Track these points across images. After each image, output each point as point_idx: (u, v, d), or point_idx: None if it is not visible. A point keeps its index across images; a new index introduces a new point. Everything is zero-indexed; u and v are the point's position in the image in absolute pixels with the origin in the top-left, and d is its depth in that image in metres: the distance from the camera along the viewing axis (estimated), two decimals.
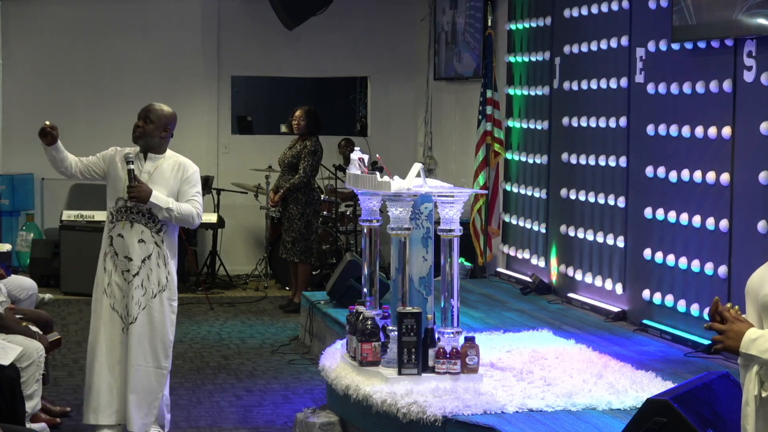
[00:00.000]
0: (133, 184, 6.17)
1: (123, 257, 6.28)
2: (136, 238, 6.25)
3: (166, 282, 6.32)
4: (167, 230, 6.33)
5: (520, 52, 10.29)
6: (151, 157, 6.36)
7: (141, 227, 6.26)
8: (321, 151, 10.80)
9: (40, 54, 12.82)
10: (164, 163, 6.36)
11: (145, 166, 6.33)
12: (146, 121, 6.35)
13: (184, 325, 10.24)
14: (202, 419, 7.17)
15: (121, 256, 6.28)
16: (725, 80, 7.04)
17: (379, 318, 6.22)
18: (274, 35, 12.89)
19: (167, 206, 6.20)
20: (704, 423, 4.18)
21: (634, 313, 8.20)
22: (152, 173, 6.30)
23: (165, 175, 6.31)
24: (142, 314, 6.27)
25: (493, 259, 10.65)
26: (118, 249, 6.29)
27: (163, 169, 6.33)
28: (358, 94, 14.92)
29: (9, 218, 12.69)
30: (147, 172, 6.30)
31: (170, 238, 6.36)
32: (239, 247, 13.21)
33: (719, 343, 3.32)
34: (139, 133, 6.36)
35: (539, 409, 5.57)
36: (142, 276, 6.26)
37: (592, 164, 8.83)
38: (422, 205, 6.23)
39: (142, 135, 6.35)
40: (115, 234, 6.30)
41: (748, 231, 6.78)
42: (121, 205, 6.29)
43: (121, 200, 6.28)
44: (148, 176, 6.28)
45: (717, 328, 3.32)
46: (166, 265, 6.31)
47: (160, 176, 6.31)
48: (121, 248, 6.28)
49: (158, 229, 6.29)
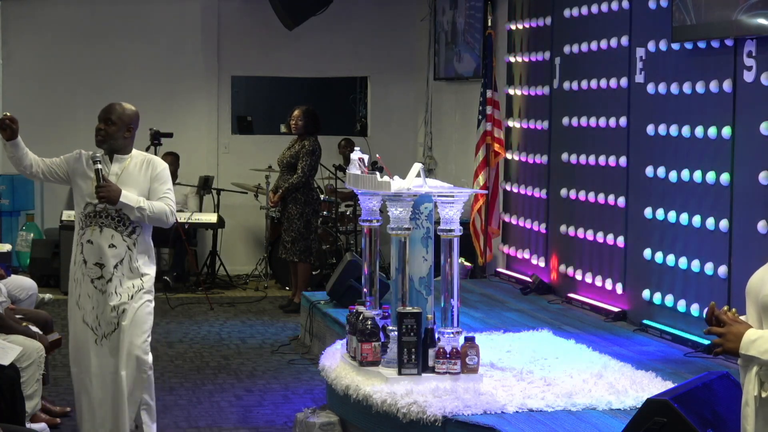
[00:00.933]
0: (102, 184, 5.89)
1: (93, 264, 5.98)
2: (106, 243, 5.95)
3: (141, 283, 6.02)
4: (140, 232, 6.03)
5: (520, 52, 10.29)
6: (117, 159, 6.08)
7: (111, 231, 5.96)
8: (319, 151, 10.80)
9: (40, 54, 12.82)
10: (131, 163, 6.10)
11: (112, 168, 6.05)
12: (108, 123, 6.06)
13: (184, 325, 10.25)
14: (202, 419, 7.17)
15: (91, 263, 5.98)
16: (725, 80, 7.04)
17: (379, 318, 6.22)
18: (274, 35, 12.90)
19: (138, 205, 5.93)
20: (704, 423, 4.18)
21: (634, 313, 8.20)
22: (120, 175, 6.03)
23: (133, 175, 6.05)
24: (118, 321, 5.98)
25: (493, 259, 10.65)
26: (88, 256, 5.99)
27: (131, 169, 6.07)
28: (358, 94, 14.92)
29: (9, 218, 12.69)
30: (114, 174, 6.03)
31: (144, 240, 6.06)
32: (239, 247, 13.22)
33: (719, 347, 3.31)
34: (102, 136, 6.07)
35: (539, 409, 5.56)
36: (115, 282, 5.97)
37: (592, 164, 8.83)
38: (422, 205, 6.23)
39: (105, 138, 6.06)
40: (85, 240, 6.00)
41: (748, 231, 6.78)
42: (90, 210, 6.00)
43: (89, 205, 6.00)
44: (116, 178, 6.01)
45: (715, 332, 3.32)
46: (139, 269, 6.02)
47: (129, 177, 6.04)
48: (92, 255, 5.98)
49: (130, 232, 6.00)
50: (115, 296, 5.97)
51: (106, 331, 6.01)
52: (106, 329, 6.00)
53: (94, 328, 6.02)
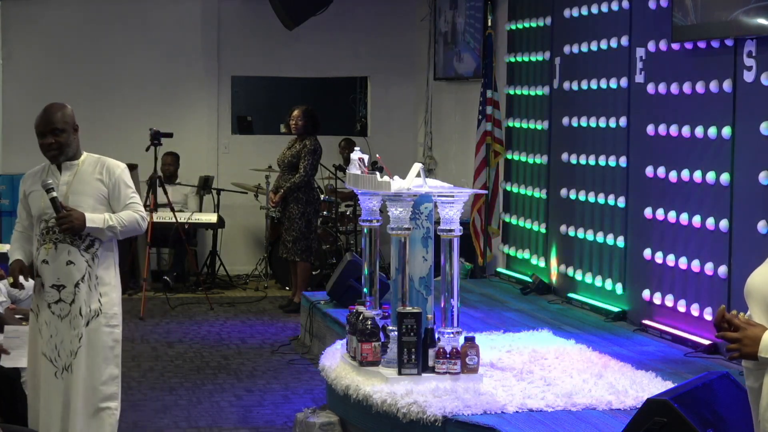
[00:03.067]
0: (62, 214, 5.29)
1: (50, 287, 5.37)
2: (63, 261, 5.34)
3: (99, 306, 5.39)
4: (99, 244, 5.41)
5: (520, 52, 10.29)
6: (66, 166, 5.46)
7: (67, 247, 5.35)
8: (320, 150, 10.80)
9: (40, 54, 12.82)
10: (82, 167, 5.47)
11: (62, 178, 5.44)
12: (56, 134, 5.39)
13: (184, 325, 10.25)
14: (202, 419, 7.17)
15: (48, 286, 5.37)
16: (725, 80, 7.04)
17: (379, 318, 6.22)
18: (274, 35, 12.89)
19: (108, 225, 5.35)
20: (704, 423, 4.19)
21: (634, 313, 8.20)
22: (71, 183, 5.42)
23: (86, 181, 5.44)
24: (81, 348, 5.37)
25: (493, 259, 10.65)
26: (46, 278, 5.38)
27: (83, 174, 5.45)
28: (358, 94, 14.91)
29: (9, 218, 12.67)
30: (65, 183, 5.42)
31: (105, 253, 5.44)
32: (239, 247, 13.21)
33: (735, 351, 3.23)
34: (55, 150, 5.41)
35: (539, 409, 5.56)
36: (78, 303, 5.35)
37: (592, 164, 8.83)
38: (422, 205, 6.23)
39: (60, 150, 5.42)
40: (40, 261, 5.40)
41: (748, 231, 6.78)
42: (43, 226, 5.41)
43: (42, 222, 5.41)
44: (67, 188, 5.40)
45: (730, 337, 3.22)
46: (99, 287, 5.39)
47: (81, 183, 5.43)
48: (49, 276, 5.37)
49: (87, 246, 5.38)
50: (79, 318, 5.36)
51: (66, 363, 5.38)
52: (67, 360, 5.38)
53: (53, 360, 5.39)
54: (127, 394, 7.73)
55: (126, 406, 7.38)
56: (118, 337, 5.48)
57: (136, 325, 10.18)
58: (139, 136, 11.96)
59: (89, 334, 5.37)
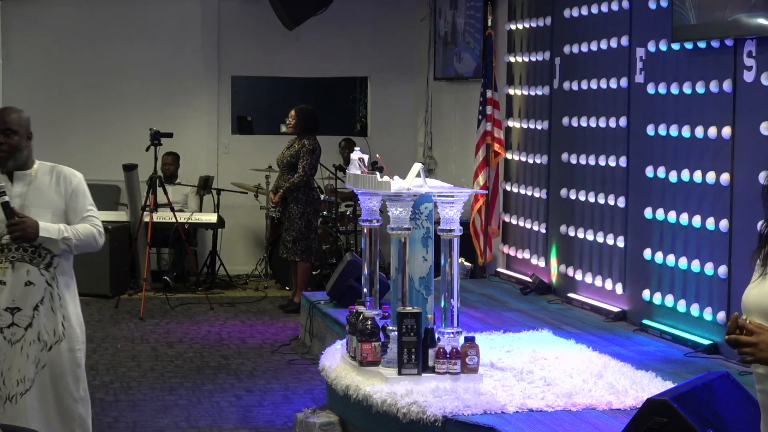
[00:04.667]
0: (14, 221, 4.83)
1: (3, 310, 4.91)
2: (21, 281, 4.91)
3: (62, 330, 4.99)
4: (59, 263, 4.99)
5: (520, 52, 10.29)
6: (18, 176, 5.00)
7: (26, 266, 4.92)
8: (320, 150, 10.79)
9: (40, 54, 12.82)
10: (37, 178, 5.03)
11: (15, 189, 4.97)
12: (8, 134, 4.94)
13: (184, 325, 10.25)
14: (202, 419, 7.17)
15: (2, 309, 4.91)
16: (725, 80, 7.04)
17: (379, 318, 6.22)
18: (274, 35, 12.90)
19: (62, 236, 4.91)
20: (704, 423, 4.18)
21: (634, 313, 8.20)
22: (26, 194, 4.97)
23: (43, 192, 5.00)
24: (40, 374, 4.96)
25: (493, 259, 10.65)
26: (1, 301, 4.93)
27: (39, 185, 5.01)
28: (358, 94, 14.91)
29: None
30: (19, 195, 4.97)
31: (65, 271, 5.04)
32: (239, 247, 13.21)
33: (750, 356, 3.26)
34: (5, 151, 4.94)
35: (539, 409, 5.56)
36: (37, 327, 4.93)
37: (592, 164, 8.83)
38: (422, 205, 6.23)
39: (10, 152, 4.95)
40: None
41: (748, 231, 6.77)
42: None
43: None
44: (21, 200, 4.95)
45: (745, 341, 3.24)
46: (61, 308, 4.98)
47: (38, 195, 4.99)
48: (4, 298, 4.92)
49: (47, 264, 4.95)
50: (37, 343, 4.95)
51: (11, 392, 4.93)
52: (12, 389, 4.92)
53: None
54: (127, 394, 7.75)
55: (126, 406, 7.40)
56: (81, 362, 5.07)
57: (136, 325, 10.18)
58: (139, 136, 11.96)
59: (51, 359, 4.96)
